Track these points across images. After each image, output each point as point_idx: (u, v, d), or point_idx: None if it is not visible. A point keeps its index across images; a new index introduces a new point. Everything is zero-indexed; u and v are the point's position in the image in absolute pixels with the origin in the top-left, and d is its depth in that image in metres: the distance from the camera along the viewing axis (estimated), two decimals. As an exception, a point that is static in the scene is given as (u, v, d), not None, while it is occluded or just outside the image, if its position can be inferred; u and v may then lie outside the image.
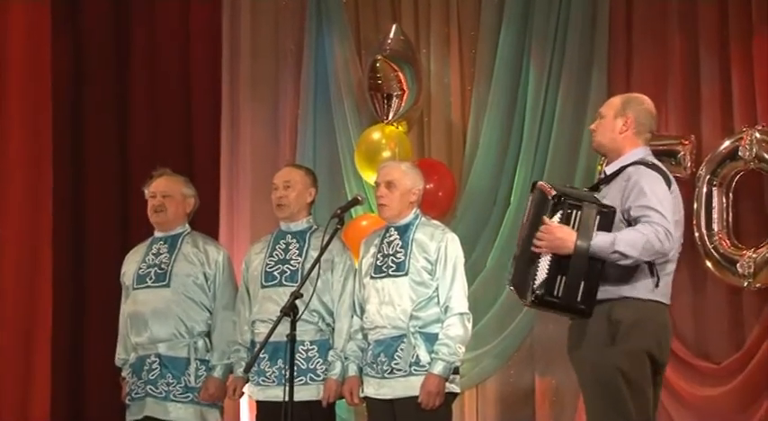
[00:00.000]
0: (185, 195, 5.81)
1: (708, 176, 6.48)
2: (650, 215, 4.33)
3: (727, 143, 6.46)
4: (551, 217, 4.40)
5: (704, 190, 6.49)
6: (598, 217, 4.35)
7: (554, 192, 4.40)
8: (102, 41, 7.78)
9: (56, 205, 7.46)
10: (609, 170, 4.56)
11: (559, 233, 4.35)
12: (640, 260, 4.34)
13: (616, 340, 4.36)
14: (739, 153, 6.38)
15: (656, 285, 4.42)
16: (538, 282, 4.39)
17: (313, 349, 5.42)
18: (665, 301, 4.48)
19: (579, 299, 4.35)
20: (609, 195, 4.48)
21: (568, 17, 6.92)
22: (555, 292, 4.36)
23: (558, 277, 4.35)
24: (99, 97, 7.74)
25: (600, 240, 4.31)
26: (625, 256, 4.31)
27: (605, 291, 4.40)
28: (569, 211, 4.37)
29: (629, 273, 4.38)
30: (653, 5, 6.78)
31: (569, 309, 4.39)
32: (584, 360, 4.42)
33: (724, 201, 6.50)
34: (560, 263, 4.35)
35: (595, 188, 4.60)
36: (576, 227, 4.35)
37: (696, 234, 6.41)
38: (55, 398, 7.32)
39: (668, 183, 4.46)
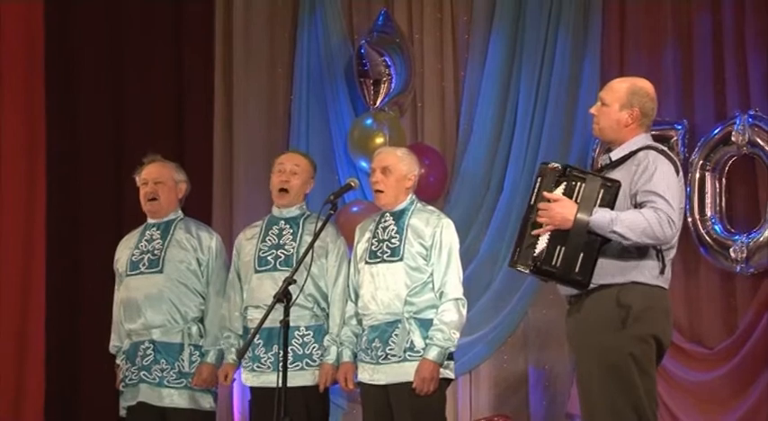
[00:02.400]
0: (177, 181, 5.79)
1: (701, 161, 6.49)
2: (656, 201, 4.32)
3: (719, 128, 6.47)
4: (555, 187, 4.41)
5: (697, 175, 6.50)
6: (601, 190, 4.35)
7: (561, 164, 4.43)
8: (95, 26, 7.74)
9: (49, 192, 7.43)
10: (615, 156, 4.54)
11: (559, 208, 4.36)
12: (638, 243, 4.34)
13: (626, 324, 4.36)
14: (732, 138, 6.40)
15: (662, 272, 4.43)
16: (537, 250, 4.41)
17: (308, 334, 5.42)
18: (667, 287, 4.48)
19: (577, 270, 4.36)
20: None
21: (561, 3, 6.92)
22: (553, 262, 4.38)
23: (558, 248, 4.37)
24: (92, 84, 7.69)
25: (599, 217, 4.31)
26: (623, 237, 4.31)
27: (612, 275, 4.40)
28: (573, 183, 4.38)
29: (636, 256, 4.38)
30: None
31: (566, 279, 4.41)
32: (592, 343, 4.42)
33: (717, 186, 6.51)
34: (560, 234, 4.37)
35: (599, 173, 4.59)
36: (578, 199, 4.35)
37: (689, 219, 6.42)
38: (49, 385, 7.31)
39: (677, 171, 4.45)
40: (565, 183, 4.40)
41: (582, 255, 4.35)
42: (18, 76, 7.44)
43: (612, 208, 4.35)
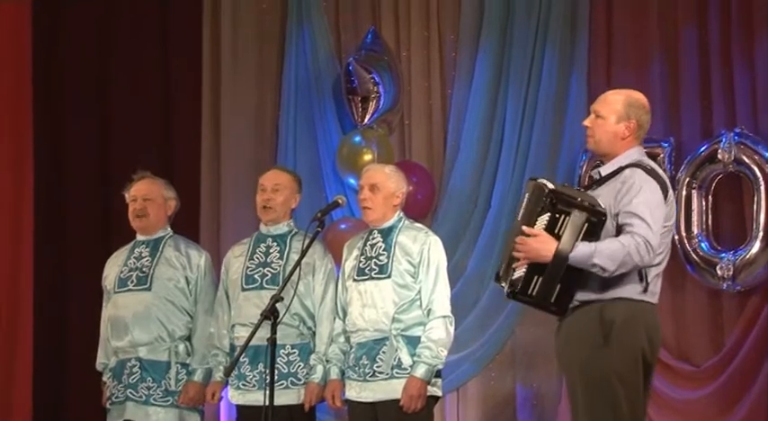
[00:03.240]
0: (166, 198, 5.78)
1: (687, 179, 6.50)
2: (635, 224, 4.31)
3: (706, 146, 6.49)
4: (540, 215, 4.37)
5: (683, 192, 6.51)
6: (586, 225, 4.31)
7: (549, 189, 4.36)
8: (83, 45, 7.76)
9: (37, 209, 7.44)
10: (604, 171, 4.53)
11: (537, 243, 4.33)
12: (619, 272, 4.33)
13: (609, 340, 4.36)
14: (718, 156, 6.41)
15: (645, 290, 4.42)
16: (515, 276, 4.41)
17: (294, 353, 5.41)
18: (654, 302, 4.48)
19: (553, 300, 4.37)
20: (602, 196, 4.45)
21: (548, 20, 6.94)
22: (529, 291, 4.38)
23: (535, 277, 4.36)
24: (79, 101, 7.72)
25: (579, 252, 4.29)
26: (603, 269, 4.30)
27: (595, 292, 4.39)
28: (557, 216, 4.33)
29: (618, 277, 4.38)
30: (633, 7, 6.80)
31: (542, 307, 4.42)
32: (576, 360, 4.41)
33: (703, 203, 6.52)
34: (539, 264, 4.35)
35: (588, 189, 4.59)
36: (560, 232, 4.32)
37: (676, 237, 6.42)
38: (36, 403, 7.30)
39: (665, 191, 4.43)
40: (549, 213, 4.35)
41: (559, 286, 4.35)
42: (4, 92, 7.44)
43: (597, 239, 4.32)
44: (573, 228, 4.31)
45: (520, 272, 4.39)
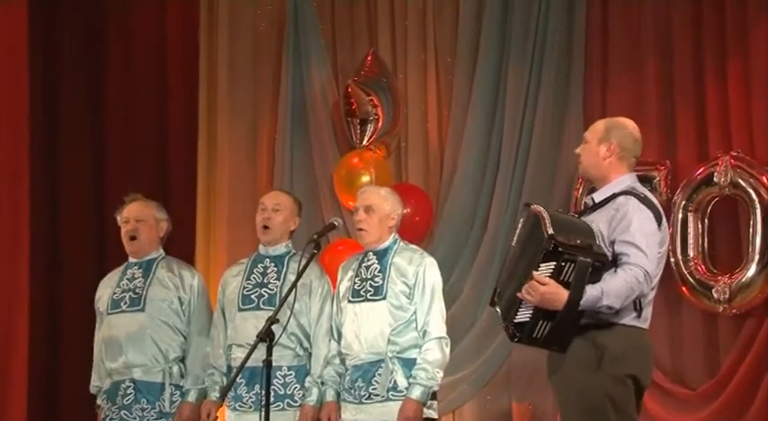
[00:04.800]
0: (158, 219, 5.79)
1: (683, 202, 6.51)
2: (631, 254, 4.34)
3: (702, 169, 6.50)
4: (544, 261, 4.34)
5: (680, 215, 6.51)
6: (590, 269, 4.31)
7: (549, 233, 4.31)
8: (78, 66, 7.77)
9: (32, 230, 7.43)
10: (597, 198, 4.55)
11: (548, 294, 4.32)
12: (624, 306, 4.36)
13: (602, 365, 4.37)
14: (714, 179, 6.42)
15: (639, 316, 4.45)
16: (518, 320, 4.41)
17: (290, 374, 5.40)
18: (646, 327, 4.51)
19: (558, 341, 4.39)
20: (596, 222, 4.46)
21: (545, 44, 6.96)
22: (535, 335, 4.40)
23: (541, 322, 4.37)
24: (75, 123, 7.74)
25: (590, 298, 4.31)
26: (611, 308, 4.34)
27: (589, 318, 4.40)
28: (563, 264, 4.31)
29: None
30: (629, 32, 6.83)
31: (546, 347, 4.45)
32: (569, 384, 4.42)
33: (699, 226, 6.53)
34: (545, 311, 4.35)
35: (582, 215, 4.60)
36: (566, 278, 4.31)
37: (672, 259, 6.42)
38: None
39: (658, 219, 4.46)
40: (554, 261, 4.32)
41: (565, 329, 4.36)
42: (1, 111, 7.45)
43: (599, 279, 4.33)
44: (579, 275, 4.30)
45: (524, 315, 4.40)
